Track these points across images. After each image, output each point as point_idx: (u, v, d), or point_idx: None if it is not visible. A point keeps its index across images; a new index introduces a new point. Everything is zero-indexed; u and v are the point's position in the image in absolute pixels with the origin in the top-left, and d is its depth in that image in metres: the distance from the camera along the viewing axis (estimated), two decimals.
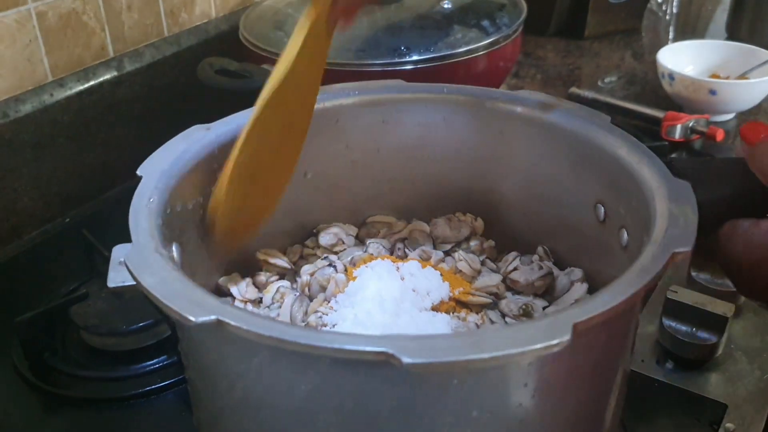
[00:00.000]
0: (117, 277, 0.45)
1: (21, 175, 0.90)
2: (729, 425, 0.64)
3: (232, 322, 0.38)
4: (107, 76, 0.97)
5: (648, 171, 0.52)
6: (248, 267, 0.65)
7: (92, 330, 0.73)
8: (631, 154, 0.54)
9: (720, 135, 1.04)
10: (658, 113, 1.09)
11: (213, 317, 0.38)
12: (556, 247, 0.64)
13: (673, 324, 0.70)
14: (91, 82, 0.96)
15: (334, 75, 0.91)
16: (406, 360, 0.35)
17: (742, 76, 1.15)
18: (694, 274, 0.76)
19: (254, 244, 0.65)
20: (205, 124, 0.59)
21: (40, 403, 0.69)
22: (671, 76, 1.12)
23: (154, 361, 0.72)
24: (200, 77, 0.93)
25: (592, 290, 0.60)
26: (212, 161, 0.57)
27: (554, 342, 0.36)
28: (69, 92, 0.93)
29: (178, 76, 1.06)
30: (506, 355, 0.36)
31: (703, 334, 0.70)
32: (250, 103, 0.62)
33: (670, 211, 0.47)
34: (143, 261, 0.44)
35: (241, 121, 0.59)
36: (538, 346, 0.36)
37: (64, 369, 0.72)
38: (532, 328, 0.38)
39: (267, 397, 0.42)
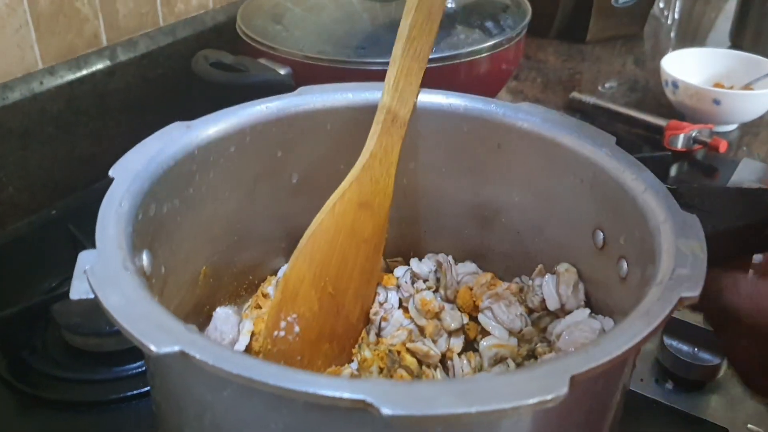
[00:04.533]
0: (81, 288, 0.41)
1: (7, 164, 0.87)
2: None
3: (197, 356, 0.35)
4: (99, 66, 0.95)
5: (653, 201, 0.48)
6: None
7: (74, 329, 0.71)
8: (636, 181, 0.51)
9: (723, 146, 1.02)
10: (661, 122, 1.08)
11: (177, 348, 0.36)
12: (552, 268, 0.61)
13: (675, 343, 0.69)
14: (83, 71, 0.93)
15: (332, 73, 0.91)
16: (385, 411, 0.32)
17: (747, 87, 1.13)
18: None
19: (241, 252, 0.63)
20: (186, 121, 0.56)
21: (17, 404, 0.67)
22: (675, 83, 1.10)
23: (137, 363, 0.69)
24: (195, 70, 0.91)
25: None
26: (191, 162, 0.54)
27: (549, 397, 0.33)
28: (59, 81, 0.91)
29: (172, 67, 1.03)
30: (495, 410, 0.33)
31: (705, 355, 0.68)
32: (245, 98, 0.60)
33: (677, 247, 0.44)
34: (107, 276, 0.41)
35: (223, 119, 0.57)
36: (531, 401, 0.33)
37: (44, 369, 0.69)
38: (527, 379, 0.34)
39: (238, 431, 0.40)
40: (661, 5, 1.66)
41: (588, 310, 0.55)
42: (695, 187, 0.53)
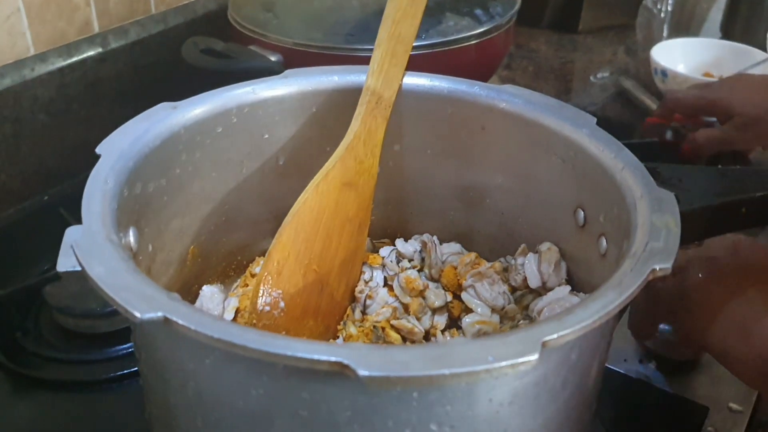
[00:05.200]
0: (67, 262, 0.42)
1: None
2: (710, 429, 0.63)
3: (180, 321, 0.36)
4: (91, 53, 0.95)
5: (631, 179, 0.49)
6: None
7: (66, 311, 0.71)
8: (615, 160, 0.51)
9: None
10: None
11: (160, 314, 0.36)
12: (536, 247, 0.62)
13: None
14: (74, 58, 0.94)
15: (322, 59, 0.91)
16: (362, 372, 0.33)
17: None
18: None
19: (229, 233, 0.64)
20: (172, 102, 0.57)
21: (11, 385, 0.68)
22: (664, 72, 1.11)
23: (128, 344, 0.70)
24: (185, 56, 0.91)
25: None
26: (177, 142, 0.55)
27: (521, 360, 0.34)
28: (51, 67, 0.91)
29: (163, 54, 1.04)
30: (469, 372, 0.34)
31: None
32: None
33: (651, 222, 0.45)
34: (93, 248, 0.42)
35: (210, 100, 0.58)
36: (504, 363, 0.34)
37: (36, 350, 0.70)
38: (500, 344, 0.35)
39: (221, 398, 0.41)
40: None
41: (569, 287, 0.56)
42: (674, 166, 0.54)
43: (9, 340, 0.70)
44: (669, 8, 1.65)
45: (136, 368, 0.68)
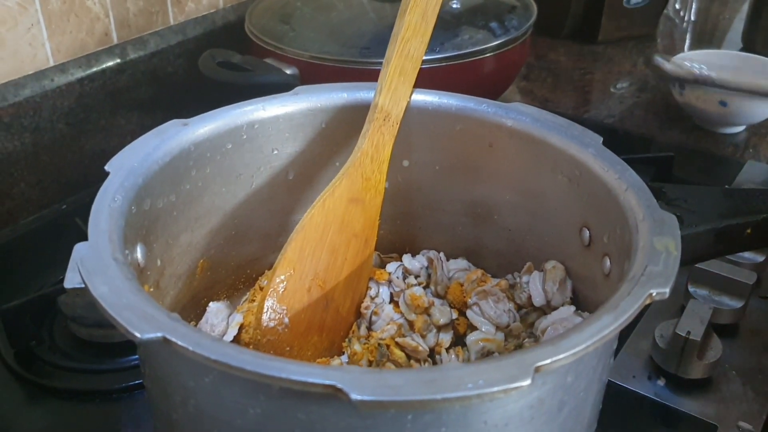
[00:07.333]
0: (74, 278, 0.43)
1: (18, 160, 0.89)
2: None
3: (179, 342, 0.37)
4: (110, 63, 0.97)
5: (634, 200, 0.49)
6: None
7: (80, 321, 0.72)
8: (619, 180, 0.51)
9: None
10: None
11: (159, 335, 0.37)
12: (542, 265, 0.61)
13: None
14: (93, 69, 0.95)
15: (337, 72, 0.92)
16: (354, 396, 0.34)
17: None
18: (692, 290, 0.75)
19: (238, 247, 0.64)
20: (183, 119, 0.57)
21: (25, 394, 0.69)
22: (682, 85, 1.10)
23: None
24: (201, 68, 0.92)
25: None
26: (187, 158, 0.56)
27: (513, 386, 0.34)
28: (70, 78, 0.93)
29: (182, 65, 1.05)
30: (460, 397, 0.34)
31: None
32: (253, 97, 0.61)
33: (652, 245, 0.44)
34: (98, 267, 0.42)
35: (220, 117, 0.58)
36: (495, 389, 0.34)
37: (51, 359, 0.71)
38: (493, 368, 0.36)
39: (220, 416, 0.41)
40: (677, 6, 1.66)
41: (573, 307, 0.56)
42: (680, 186, 0.54)
43: (23, 349, 0.71)
44: (692, 18, 1.64)
45: None
